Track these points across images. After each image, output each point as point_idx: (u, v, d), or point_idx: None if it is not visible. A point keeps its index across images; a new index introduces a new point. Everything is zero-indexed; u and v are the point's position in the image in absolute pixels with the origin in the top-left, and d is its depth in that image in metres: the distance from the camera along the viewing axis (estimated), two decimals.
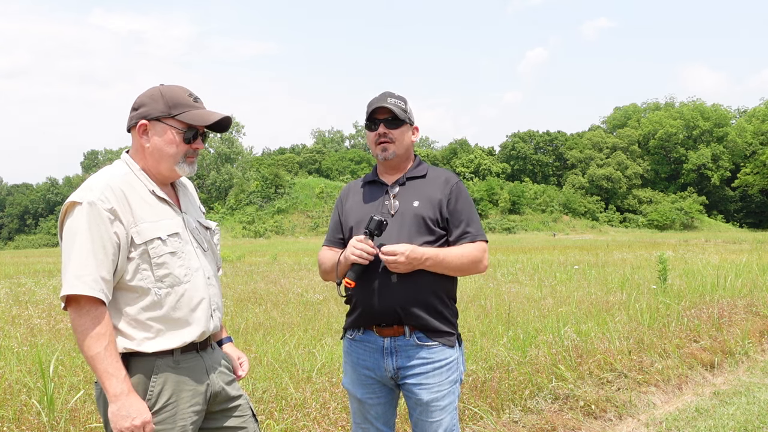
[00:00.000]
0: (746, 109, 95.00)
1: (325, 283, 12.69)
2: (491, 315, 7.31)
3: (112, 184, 2.01)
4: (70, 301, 1.94)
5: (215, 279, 2.24)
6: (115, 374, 1.92)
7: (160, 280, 2.03)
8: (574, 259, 19.08)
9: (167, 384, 2.04)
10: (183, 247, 2.10)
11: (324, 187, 75.44)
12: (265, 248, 40.42)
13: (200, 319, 2.11)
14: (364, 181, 2.65)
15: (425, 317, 2.40)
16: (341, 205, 2.64)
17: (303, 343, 5.98)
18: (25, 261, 28.52)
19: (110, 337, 1.94)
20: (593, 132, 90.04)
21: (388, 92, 2.54)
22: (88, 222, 1.94)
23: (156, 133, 2.08)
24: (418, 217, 2.43)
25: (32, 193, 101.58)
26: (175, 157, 2.10)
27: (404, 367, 2.43)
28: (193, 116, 2.09)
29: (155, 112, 2.07)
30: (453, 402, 2.48)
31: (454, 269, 2.42)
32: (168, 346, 2.04)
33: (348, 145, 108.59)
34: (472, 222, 2.49)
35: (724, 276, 10.46)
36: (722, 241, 38.09)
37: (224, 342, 2.39)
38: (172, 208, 2.14)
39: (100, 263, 1.94)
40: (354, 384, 2.55)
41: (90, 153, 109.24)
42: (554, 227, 72.58)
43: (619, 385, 5.05)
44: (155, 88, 2.14)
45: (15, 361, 5.05)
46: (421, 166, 2.58)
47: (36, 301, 10.19)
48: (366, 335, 2.48)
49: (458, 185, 2.52)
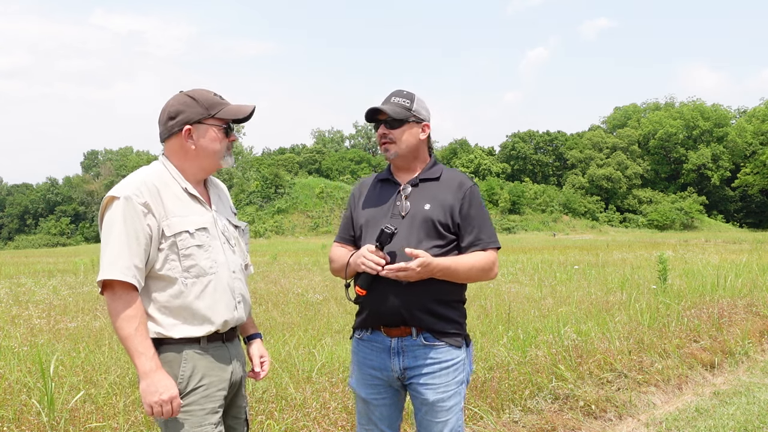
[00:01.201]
0: (746, 109, 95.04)
1: (325, 283, 12.70)
2: (491, 315, 7.31)
3: (147, 181, 2.16)
4: (106, 286, 2.09)
5: (241, 273, 2.34)
6: (144, 353, 2.05)
7: (186, 270, 2.16)
8: (574, 259, 19.08)
9: (197, 368, 2.16)
10: (210, 242, 2.22)
11: (324, 187, 75.48)
12: (265, 248, 40.42)
13: (223, 309, 2.21)
14: (377, 178, 2.63)
15: (431, 320, 2.40)
16: (354, 202, 2.63)
17: (303, 343, 5.98)
18: (25, 261, 28.52)
19: (141, 319, 2.08)
20: (593, 132, 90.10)
21: (396, 91, 2.53)
22: (124, 215, 2.09)
23: (200, 135, 2.23)
24: (428, 220, 2.41)
25: (32, 193, 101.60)
26: (221, 152, 2.26)
27: (411, 368, 2.43)
28: (229, 111, 2.25)
29: (196, 116, 2.22)
30: (459, 403, 2.47)
31: (464, 278, 2.42)
32: (194, 333, 2.16)
33: (348, 145, 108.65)
34: (485, 228, 2.46)
35: (724, 276, 10.46)
36: (722, 241, 38.10)
37: (253, 338, 2.48)
38: (203, 206, 2.27)
39: (133, 252, 2.08)
40: (359, 384, 2.54)
41: (90, 153, 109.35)
42: (554, 227, 72.61)
43: (619, 385, 5.05)
44: (180, 95, 2.26)
45: (15, 361, 5.05)
46: (435, 167, 2.55)
47: (36, 301, 10.20)
48: (374, 335, 2.48)
49: (472, 190, 2.48)
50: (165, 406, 2.05)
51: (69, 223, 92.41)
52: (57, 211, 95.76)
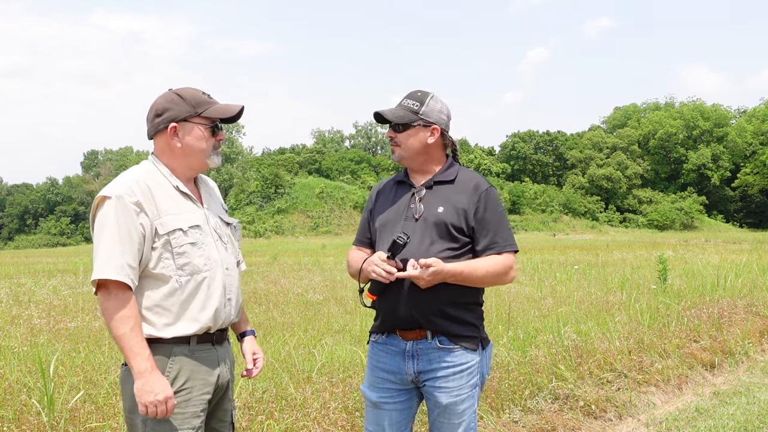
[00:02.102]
0: (746, 109, 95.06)
1: (325, 283, 12.71)
2: (491, 315, 7.31)
3: (138, 180, 2.17)
4: (100, 286, 2.10)
5: (234, 270, 2.35)
6: (140, 353, 2.06)
7: (180, 268, 2.17)
8: (574, 259, 19.08)
9: (183, 369, 2.16)
10: (203, 239, 2.23)
11: (324, 187, 75.45)
12: (265, 248, 40.42)
13: (216, 305, 2.22)
14: (394, 180, 2.61)
15: (446, 324, 2.39)
16: (371, 204, 2.63)
17: (303, 343, 5.98)
18: (25, 261, 28.52)
19: (135, 319, 2.08)
20: (593, 132, 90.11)
21: (411, 92, 2.50)
22: (116, 214, 2.09)
23: (186, 133, 2.23)
24: (441, 223, 2.39)
25: (32, 193, 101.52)
26: (206, 151, 2.26)
27: (425, 371, 2.42)
28: (216, 111, 2.25)
29: (182, 114, 2.22)
30: (472, 406, 2.46)
31: (479, 283, 2.39)
32: (186, 331, 2.16)
33: (348, 145, 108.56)
34: (501, 231, 2.41)
35: (724, 276, 10.46)
36: (722, 241, 38.10)
37: (247, 335, 2.46)
38: (195, 203, 2.28)
39: (126, 251, 2.09)
40: (370, 387, 2.52)
41: (90, 153, 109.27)
42: (554, 227, 72.60)
43: (619, 385, 5.05)
44: (169, 92, 2.27)
45: (15, 361, 5.05)
46: (451, 169, 2.51)
47: (36, 301, 10.20)
48: (389, 338, 2.47)
49: (488, 192, 2.44)
50: (160, 407, 2.05)
51: (69, 223, 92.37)
52: (57, 211, 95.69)
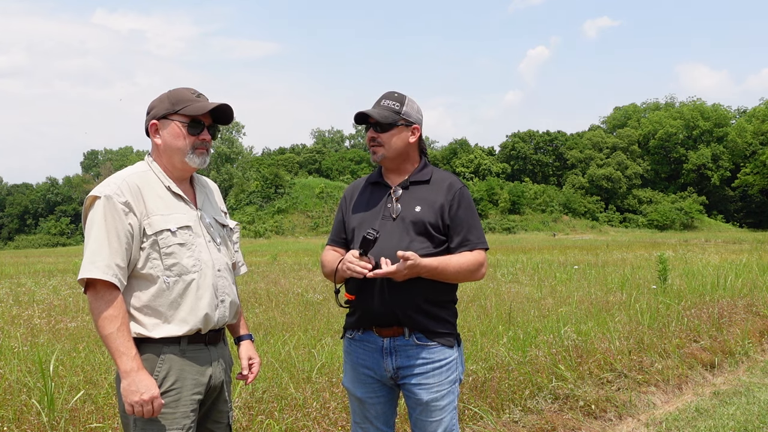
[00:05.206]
0: (746, 109, 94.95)
1: (325, 283, 12.69)
2: (491, 315, 7.31)
3: (128, 180, 2.18)
4: (88, 285, 2.11)
5: (227, 272, 2.33)
6: (126, 353, 2.06)
7: (168, 268, 2.16)
8: (574, 259, 19.08)
9: (172, 369, 2.16)
10: (194, 240, 2.22)
11: (324, 187, 75.42)
12: (265, 248, 40.40)
13: (205, 307, 2.20)
14: (368, 181, 2.65)
15: (423, 320, 2.42)
16: (345, 204, 2.64)
17: (303, 343, 5.98)
18: (25, 261, 28.53)
19: (123, 319, 2.09)
20: (593, 132, 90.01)
21: (388, 93, 2.54)
22: (104, 214, 2.11)
23: (164, 130, 2.24)
24: (420, 222, 2.44)
25: (32, 193, 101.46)
26: (184, 149, 2.24)
27: (404, 367, 2.45)
28: (192, 108, 2.24)
29: (162, 111, 2.24)
30: (452, 402, 2.50)
31: (452, 279, 2.45)
32: (175, 332, 2.16)
33: (348, 145, 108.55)
34: (473, 229, 2.49)
35: (724, 276, 10.46)
36: (722, 241, 38.09)
37: (243, 339, 2.46)
38: (187, 204, 2.28)
39: (114, 251, 2.09)
40: (354, 383, 2.56)
41: (90, 153, 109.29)
42: (554, 227, 72.56)
43: (619, 385, 5.05)
44: (164, 92, 2.31)
45: (15, 361, 5.05)
46: (426, 169, 2.57)
47: (36, 301, 10.19)
48: (366, 335, 2.50)
49: (462, 191, 2.51)
50: (146, 406, 2.05)
51: (69, 223, 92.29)
52: (57, 211, 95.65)
